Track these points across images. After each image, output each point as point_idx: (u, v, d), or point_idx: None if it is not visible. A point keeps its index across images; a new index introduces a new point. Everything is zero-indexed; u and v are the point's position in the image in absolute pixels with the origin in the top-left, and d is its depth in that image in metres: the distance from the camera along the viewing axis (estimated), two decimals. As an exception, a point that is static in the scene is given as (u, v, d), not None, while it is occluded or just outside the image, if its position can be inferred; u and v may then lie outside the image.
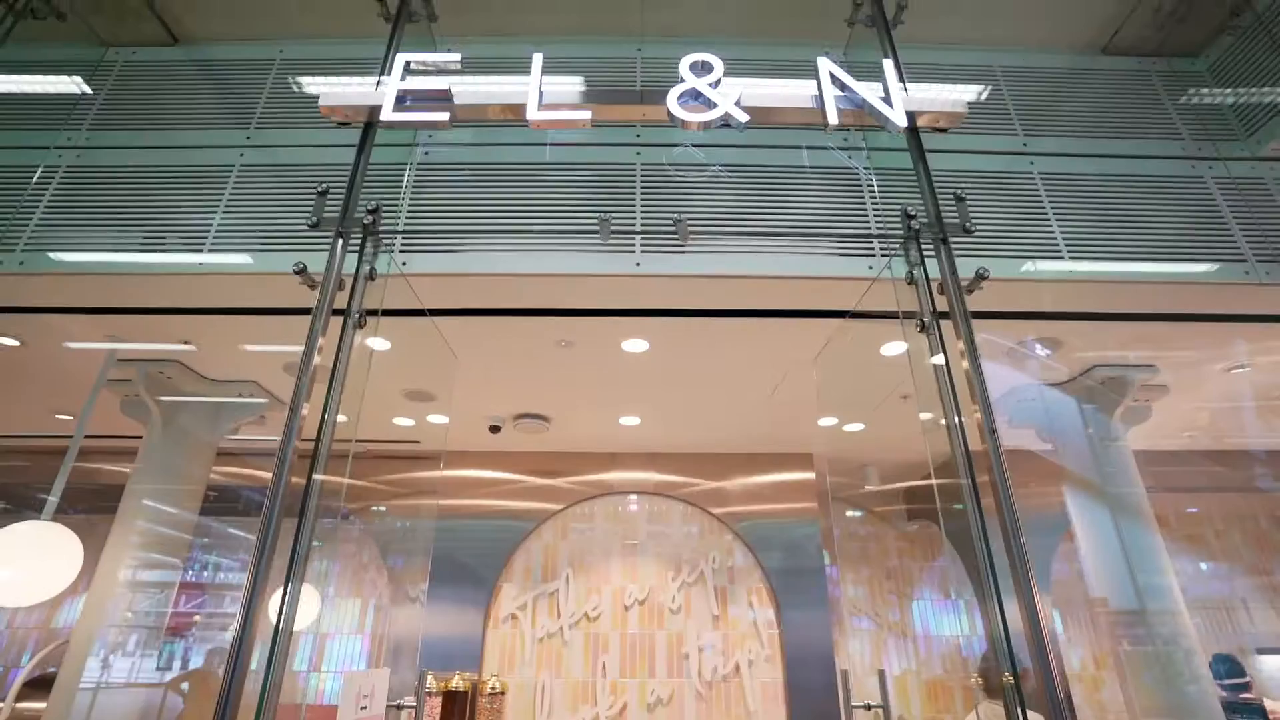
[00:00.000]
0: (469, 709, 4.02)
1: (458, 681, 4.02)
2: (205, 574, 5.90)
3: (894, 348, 3.37)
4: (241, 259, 2.84)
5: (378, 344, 3.35)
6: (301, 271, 2.22)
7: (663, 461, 4.91)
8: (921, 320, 2.23)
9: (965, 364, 2.20)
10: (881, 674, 2.38)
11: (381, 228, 2.34)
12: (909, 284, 2.32)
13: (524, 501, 4.79)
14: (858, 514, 6.08)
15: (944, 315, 2.29)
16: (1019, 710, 1.64)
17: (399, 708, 2.31)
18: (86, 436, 5.00)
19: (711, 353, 3.40)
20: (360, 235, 2.27)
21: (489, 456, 4.92)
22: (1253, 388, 3.92)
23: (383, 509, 4.94)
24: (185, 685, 4.62)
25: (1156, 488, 5.13)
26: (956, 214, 2.31)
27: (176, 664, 5.57)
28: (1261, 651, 5.80)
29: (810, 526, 4.74)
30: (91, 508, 5.02)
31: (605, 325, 3.13)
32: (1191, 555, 6.01)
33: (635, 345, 3.30)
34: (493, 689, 4.01)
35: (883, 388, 3.86)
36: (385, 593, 4.90)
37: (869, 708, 2.35)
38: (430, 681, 3.91)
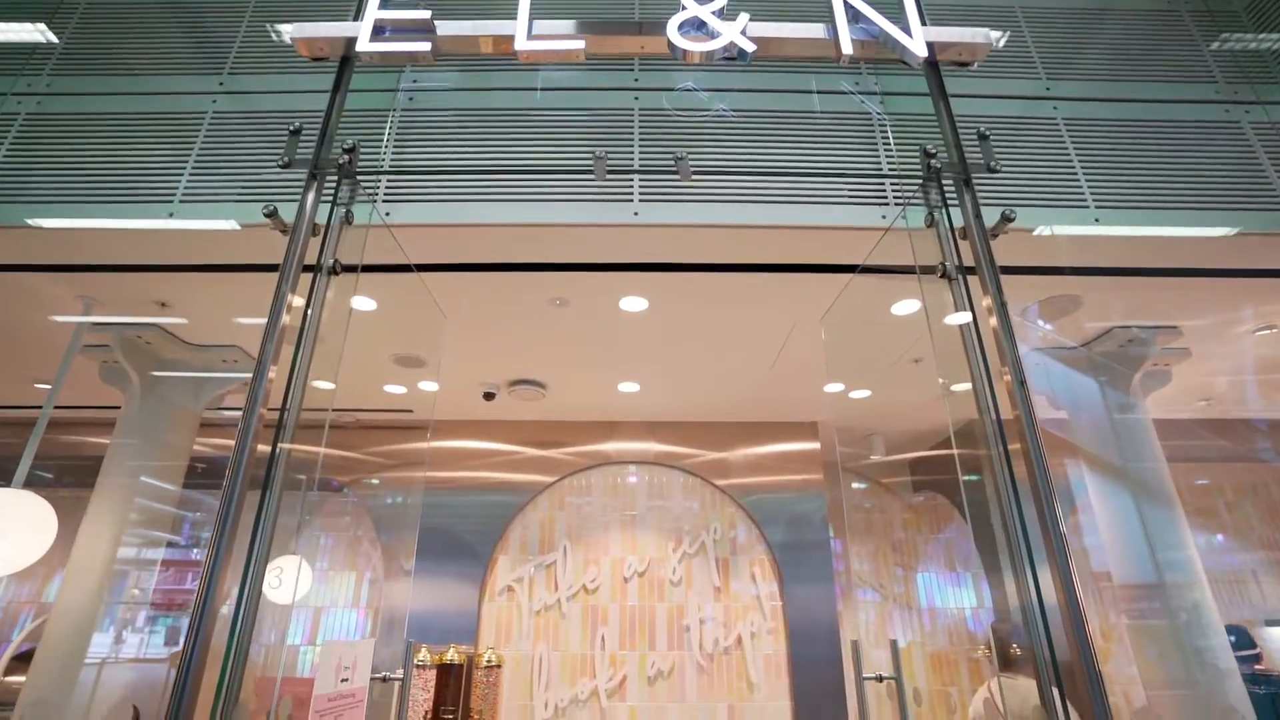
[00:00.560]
0: (465, 682, 3.92)
1: (453, 654, 3.91)
2: (199, 549, 5.79)
3: (906, 306, 3.21)
4: (214, 211, 2.66)
5: (363, 304, 3.19)
6: (272, 215, 2.05)
7: (663, 431, 4.77)
8: (943, 266, 2.06)
9: (993, 320, 2.01)
10: (894, 644, 2.26)
11: (360, 168, 2.16)
12: (928, 227, 2.15)
13: (520, 473, 4.66)
14: (863, 485, 5.96)
15: (969, 271, 2.13)
16: (1055, 688, 1.50)
17: (384, 680, 2.19)
18: (72, 407, 4.88)
19: (713, 312, 3.24)
20: (335, 176, 2.10)
21: (484, 426, 4.78)
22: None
23: (376, 481, 4.81)
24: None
25: (1168, 459, 5.00)
26: (980, 153, 2.14)
27: (181, 640, 5.48)
28: (1270, 623, 5.71)
29: (814, 498, 4.62)
30: (79, 482, 4.90)
31: (602, 281, 2.97)
32: (1202, 528, 5.90)
33: (633, 303, 3.14)
34: (489, 662, 3.91)
35: (893, 350, 3.70)
36: (380, 566, 4.78)
37: (880, 679, 2.23)
38: (424, 654, 3.80)
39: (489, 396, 4.17)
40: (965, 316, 2.05)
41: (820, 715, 4.09)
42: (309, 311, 2.02)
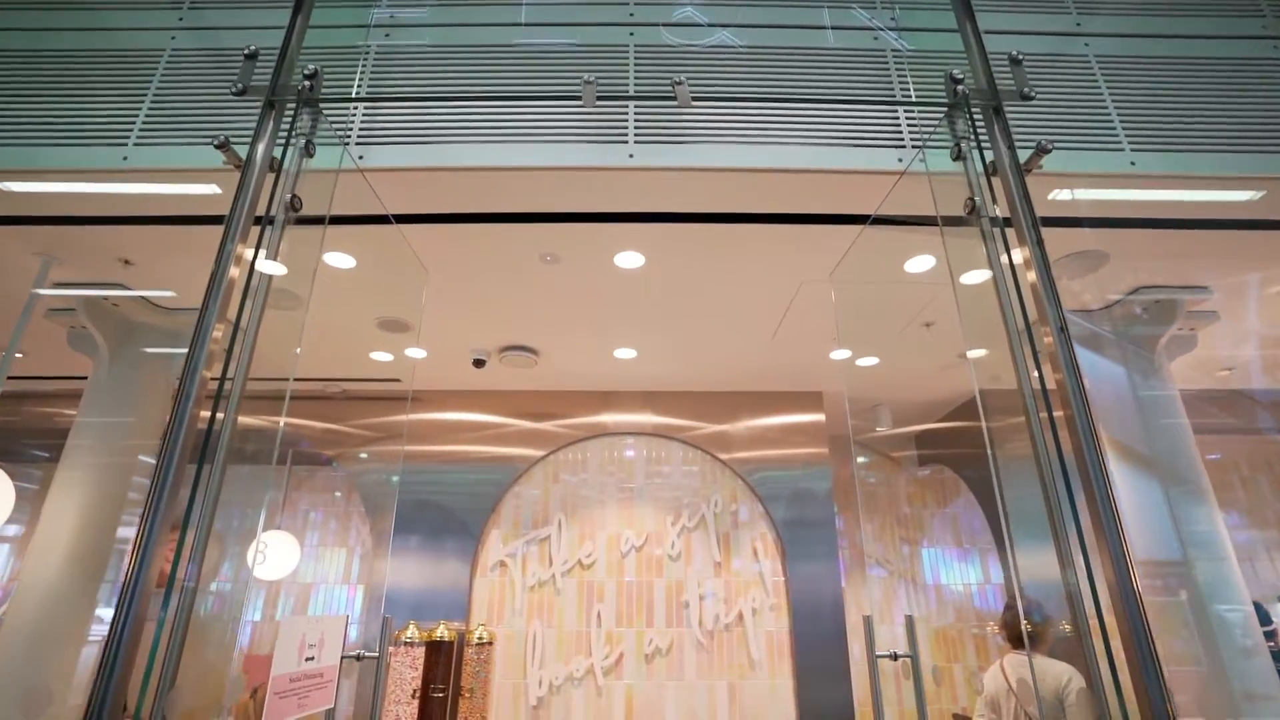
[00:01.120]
0: (455, 659, 3.77)
1: (442, 631, 3.76)
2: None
3: (920, 263, 3.00)
4: (172, 156, 2.45)
5: (340, 260, 2.98)
6: (223, 147, 1.84)
7: (661, 402, 4.58)
8: (971, 202, 1.85)
9: (1031, 275, 1.78)
10: (909, 620, 2.09)
11: (325, 95, 1.95)
12: (955, 160, 1.94)
13: (513, 445, 4.48)
14: (869, 458, 5.78)
15: (1005, 223, 1.91)
16: (1110, 670, 1.32)
17: (359, 658, 2.02)
18: (53, 378, 4.69)
19: (713, 268, 3.03)
20: (295, 104, 1.89)
21: (475, 397, 4.59)
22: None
23: (364, 455, 4.62)
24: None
25: (1183, 431, 4.82)
26: (1011, 80, 1.93)
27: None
28: (1286, 599, 5.58)
29: (818, 471, 4.44)
30: (57, 457, 4.74)
31: (595, 234, 2.76)
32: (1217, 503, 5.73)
33: (629, 259, 2.93)
34: (480, 639, 3.76)
35: (904, 313, 3.50)
36: (369, 541, 4.62)
37: (895, 657, 2.06)
38: (412, 631, 3.65)
39: (479, 364, 3.97)
40: (996, 266, 1.83)
41: (824, 694, 3.95)
42: (259, 258, 1.80)
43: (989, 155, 1.94)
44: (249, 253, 1.84)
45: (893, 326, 3.65)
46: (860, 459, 5.78)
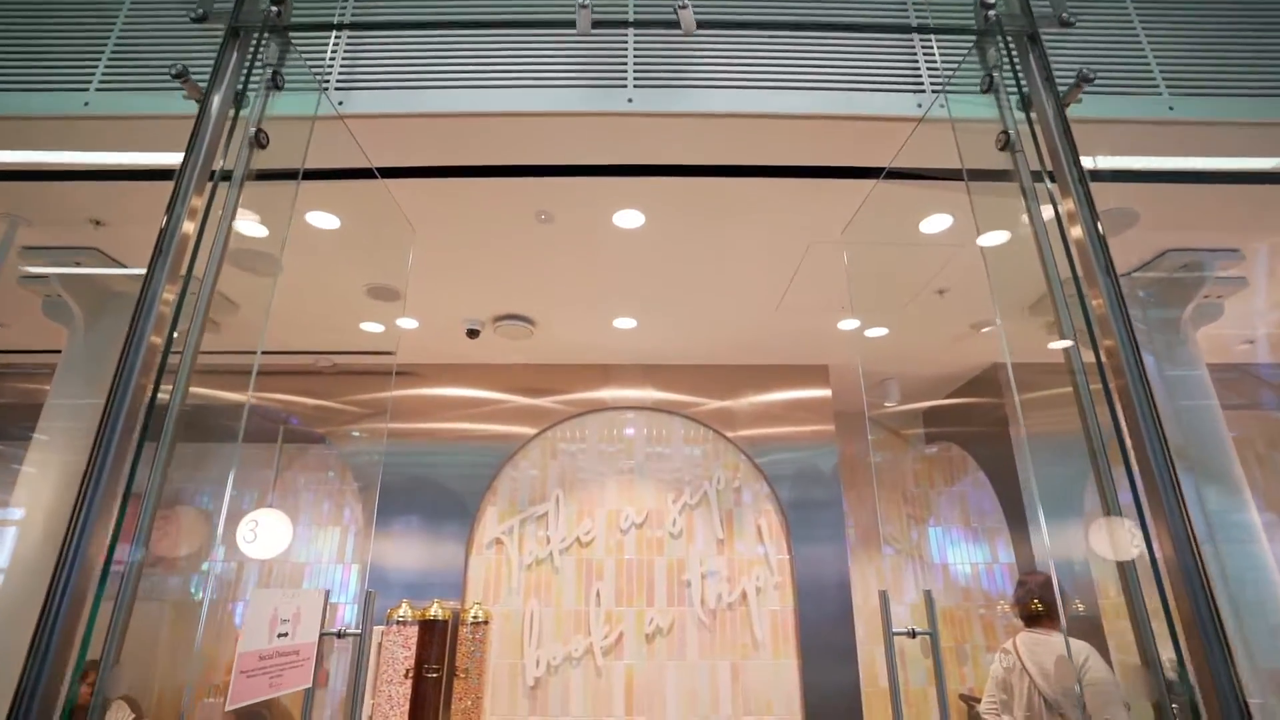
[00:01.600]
0: (449, 639, 3.65)
1: (436, 610, 3.64)
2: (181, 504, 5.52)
3: (936, 222, 2.83)
4: (137, 101, 2.28)
5: (324, 221, 2.82)
6: (182, 76, 1.67)
7: (662, 376, 4.43)
8: (1005, 135, 1.68)
9: (1077, 230, 1.59)
10: (928, 595, 1.95)
11: (296, 23, 1.78)
12: (984, 92, 1.76)
13: (509, 420, 4.34)
14: (876, 435, 5.65)
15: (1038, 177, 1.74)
16: (1175, 651, 1.18)
17: (340, 635, 1.88)
18: (31, 351, 4.53)
19: (717, 228, 2.87)
20: (260, 31, 1.72)
21: (470, 372, 4.44)
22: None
23: (357, 433, 4.48)
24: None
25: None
26: (1048, 3, 1.76)
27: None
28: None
29: (824, 448, 4.29)
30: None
31: (592, 189, 2.59)
32: (1230, 479, 5.59)
33: (628, 218, 2.76)
34: (475, 618, 3.64)
35: (916, 279, 3.34)
36: (361, 519, 4.49)
37: (913, 634, 1.92)
38: (405, 610, 3.53)
39: (473, 334, 3.82)
40: (1034, 208, 1.66)
41: (829, 674, 3.83)
42: (208, 214, 1.63)
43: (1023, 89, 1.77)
44: (217, 206, 1.67)
45: (904, 294, 3.48)
46: (868, 435, 5.64)
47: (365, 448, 4.38)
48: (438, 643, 3.59)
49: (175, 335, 1.56)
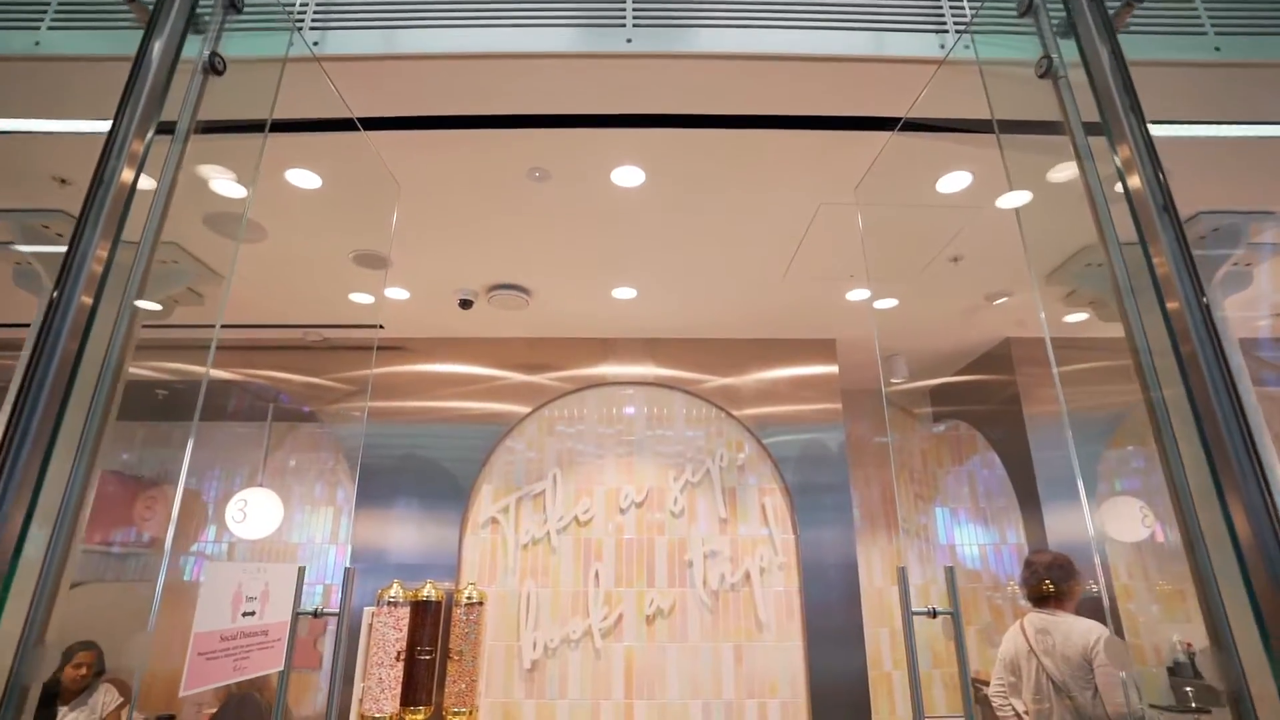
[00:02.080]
0: (442, 621, 3.53)
1: (429, 590, 3.51)
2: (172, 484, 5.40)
3: (955, 180, 2.66)
4: (97, 39, 2.10)
5: (304, 179, 2.65)
6: (130, -4, 1.50)
7: (664, 351, 4.27)
8: (1047, 61, 1.51)
9: (1137, 180, 1.36)
10: (949, 572, 1.81)
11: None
12: (1022, 15, 1.59)
13: (505, 397, 4.19)
14: (882, 412, 5.50)
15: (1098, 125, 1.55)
16: (1259, 632, 1.03)
17: (316, 614, 1.74)
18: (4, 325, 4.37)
19: (721, 186, 2.70)
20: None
21: (464, 346, 4.28)
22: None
23: (348, 409, 4.32)
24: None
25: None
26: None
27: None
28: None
29: (831, 426, 4.15)
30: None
31: (590, 143, 2.42)
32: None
33: (628, 175, 2.60)
34: (469, 599, 3.51)
35: (930, 244, 3.17)
36: (353, 499, 4.35)
37: (934, 614, 1.78)
38: (396, 590, 3.40)
39: (466, 305, 3.66)
40: (1081, 145, 1.49)
41: (836, 658, 3.71)
42: (145, 167, 1.46)
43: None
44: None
45: (917, 261, 3.32)
46: (874, 412, 5.49)
47: (359, 428, 4.23)
48: (431, 624, 3.47)
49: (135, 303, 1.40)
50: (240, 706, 3.80)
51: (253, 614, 1.46)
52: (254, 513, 4.54)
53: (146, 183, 1.59)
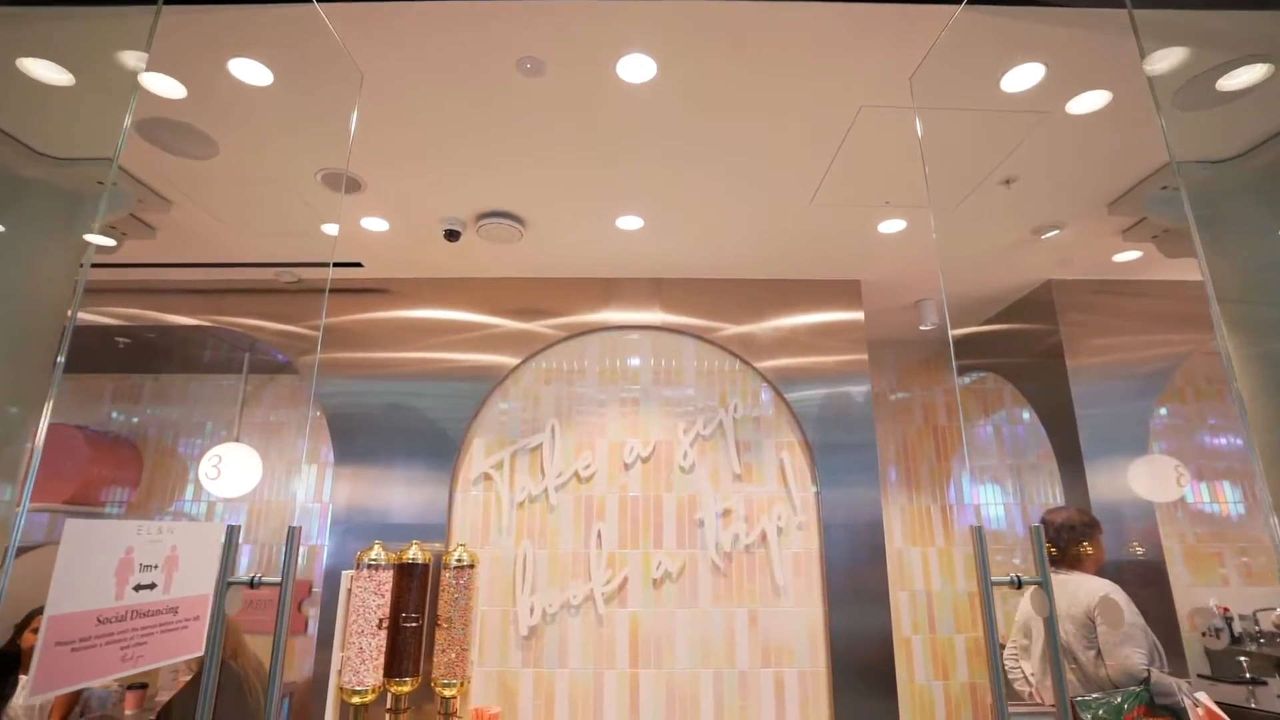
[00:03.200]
0: (430, 585, 3.22)
1: (415, 552, 3.19)
2: (146, 441, 5.08)
3: (1024, 76, 2.24)
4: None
5: (253, 72, 2.23)
6: None
7: (672, 294, 3.89)
8: None
9: None
10: (1036, 531, 1.46)
11: None
12: None
13: (497, 343, 3.82)
14: (910, 361, 5.15)
15: None
16: None
17: (253, 584, 1.40)
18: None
19: (745, 83, 2.28)
20: None
21: (453, 288, 3.89)
22: None
23: (322, 358, 3.95)
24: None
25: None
26: None
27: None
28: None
29: (856, 376, 3.78)
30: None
31: (591, 23, 2.00)
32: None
33: (637, 67, 2.18)
34: (459, 561, 3.19)
35: (985, 160, 2.76)
36: (332, 455, 4.00)
37: (1018, 584, 1.44)
38: (378, 552, 3.08)
39: (452, 236, 3.26)
40: None
41: (859, 624, 3.42)
42: None
43: None
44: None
45: (965, 181, 2.91)
46: (899, 359, 5.14)
47: (341, 381, 3.86)
48: (417, 589, 3.16)
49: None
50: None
51: (151, 587, 1.11)
52: (229, 469, 4.21)
53: (53, 73, 1.19)
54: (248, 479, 4.25)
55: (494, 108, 2.40)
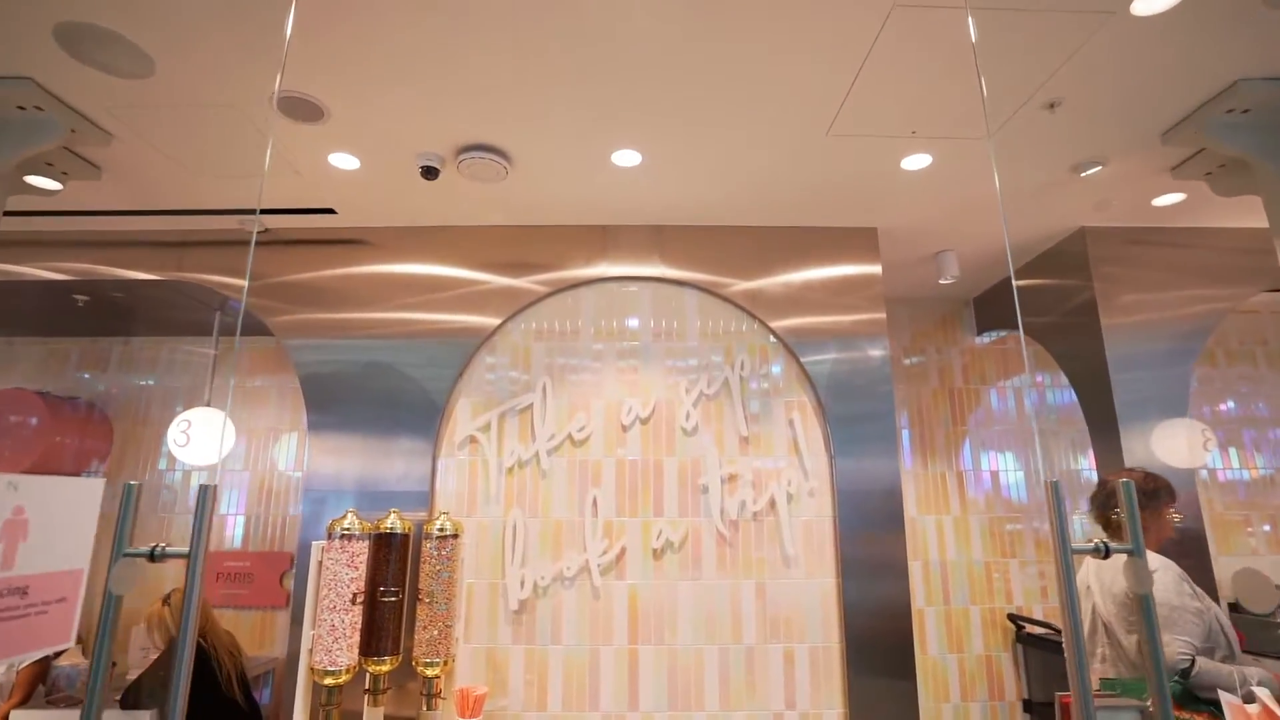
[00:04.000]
0: (409, 556, 2.96)
1: (394, 521, 2.93)
2: (116, 408, 4.81)
3: (1090, -40, 1.91)
4: None
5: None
6: None
7: (672, 244, 3.58)
8: None
9: None
10: (1128, 489, 1.18)
11: None
12: None
13: (484, 297, 3.51)
14: (928, 319, 4.86)
15: None
16: None
17: (154, 557, 1.12)
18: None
19: (768, -30, 1.95)
20: None
21: (434, 237, 3.58)
22: None
23: (295, 318, 3.64)
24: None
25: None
26: None
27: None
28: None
29: (873, 335, 3.49)
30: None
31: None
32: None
33: (634, -53, 1.85)
34: (441, 530, 2.93)
35: (1029, 77, 2.43)
36: (305, 421, 3.72)
37: (1105, 552, 1.17)
38: (351, 521, 2.81)
39: (430, 173, 2.94)
40: None
41: (875, 596, 3.18)
42: None
43: None
44: None
45: (1004, 104, 2.58)
46: (914, 315, 4.85)
47: (315, 340, 3.55)
48: (397, 561, 2.90)
49: None
50: (183, 653, 3.26)
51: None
52: (200, 435, 3.93)
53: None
54: (220, 445, 3.98)
55: (473, 22, 2.07)
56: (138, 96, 2.46)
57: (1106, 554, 1.17)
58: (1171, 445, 3.45)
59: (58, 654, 3.85)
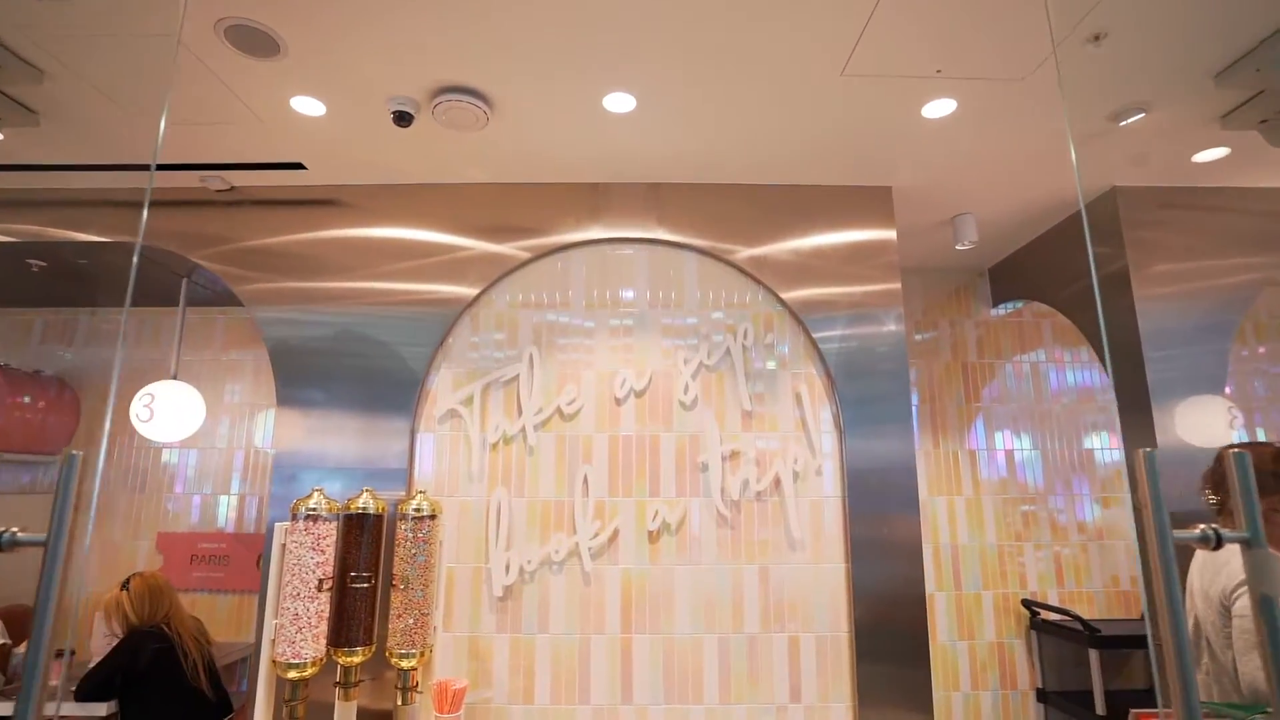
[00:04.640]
0: (383, 538, 2.73)
1: (365, 500, 2.69)
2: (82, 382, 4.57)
3: None
4: None
5: None
6: None
7: (671, 204, 3.30)
8: None
9: None
10: (1239, 458, 0.93)
11: None
12: None
13: (465, 261, 3.25)
14: (943, 288, 4.60)
15: None
16: None
17: (3, 546, 0.88)
18: None
19: None
20: None
21: (411, 197, 3.31)
22: None
23: (264, 286, 3.37)
24: None
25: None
26: None
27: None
28: None
29: (886, 300, 3.24)
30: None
31: None
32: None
33: None
34: (417, 511, 2.69)
35: (1070, 8, 2.15)
36: (272, 395, 3.47)
37: (1216, 540, 0.92)
38: (317, 500, 2.57)
39: (403, 119, 2.66)
40: None
41: (888, 582, 2.96)
42: None
43: None
44: None
45: (1042, 38, 2.30)
46: (928, 286, 4.59)
47: (284, 308, 3.29)
48: (369, 544, 2.66)
49: None
50: (143, 639, 3.06)
51: None
52: (164, 410, 3.69)
53: None
54: (188, 421, 3.74)
55: (433, -91, 1.79)
56: (63, 22, 2.18)
57: (1218, 543, 0.92)
58: (1204, 422, 3.22)
59: (17, 643, 3.64)
